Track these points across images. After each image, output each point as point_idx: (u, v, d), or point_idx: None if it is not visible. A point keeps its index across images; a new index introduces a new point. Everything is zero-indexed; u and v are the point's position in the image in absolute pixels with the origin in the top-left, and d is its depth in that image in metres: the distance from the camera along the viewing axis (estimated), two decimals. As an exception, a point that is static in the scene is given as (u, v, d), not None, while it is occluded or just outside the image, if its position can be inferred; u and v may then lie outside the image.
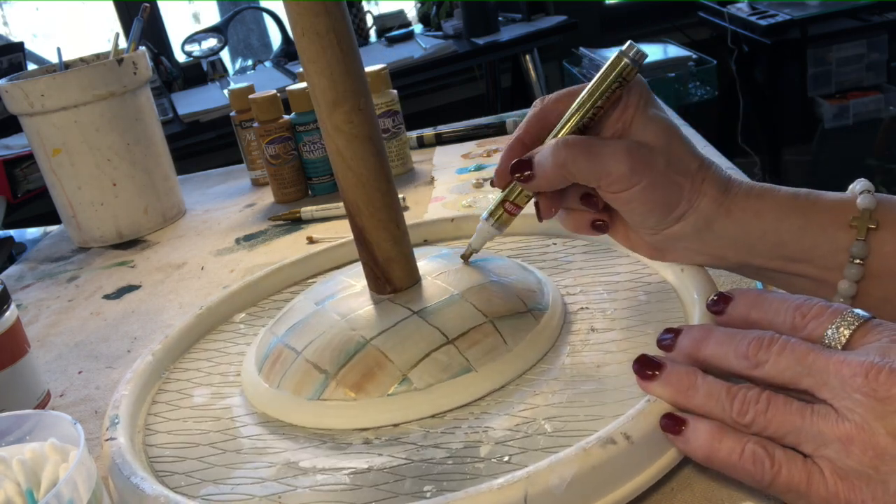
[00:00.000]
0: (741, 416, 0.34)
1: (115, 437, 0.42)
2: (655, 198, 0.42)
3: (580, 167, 0.42)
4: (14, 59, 1.41)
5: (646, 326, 0.47)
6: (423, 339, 0.44)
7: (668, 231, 0.44)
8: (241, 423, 0.46)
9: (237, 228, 0.88)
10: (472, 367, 0.43)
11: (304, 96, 0.88)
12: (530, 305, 0.48)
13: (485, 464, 0.38)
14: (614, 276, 0.53)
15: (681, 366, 0.37)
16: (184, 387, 0.51)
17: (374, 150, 0.47)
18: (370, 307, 0.49)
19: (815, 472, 0.32)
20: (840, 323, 0.34)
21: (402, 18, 2.40)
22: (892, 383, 0.30)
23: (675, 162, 0.42)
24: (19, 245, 1.09)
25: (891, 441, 0.30)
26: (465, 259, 0.51)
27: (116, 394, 0.47)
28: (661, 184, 0.42)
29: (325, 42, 0.44)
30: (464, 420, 0.42)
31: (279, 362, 0.47)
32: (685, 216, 0.43)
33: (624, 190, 0.42)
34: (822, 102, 2.30)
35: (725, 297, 0.39)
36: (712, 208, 0.42)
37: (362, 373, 0.44)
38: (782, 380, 0.34)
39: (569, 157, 0.42)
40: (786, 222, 0.41)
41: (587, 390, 0.42)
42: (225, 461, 0.43)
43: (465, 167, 0.92)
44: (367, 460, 0.40)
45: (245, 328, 0.57)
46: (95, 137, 0.86)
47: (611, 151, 0.41)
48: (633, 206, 0.43)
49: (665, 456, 0.36)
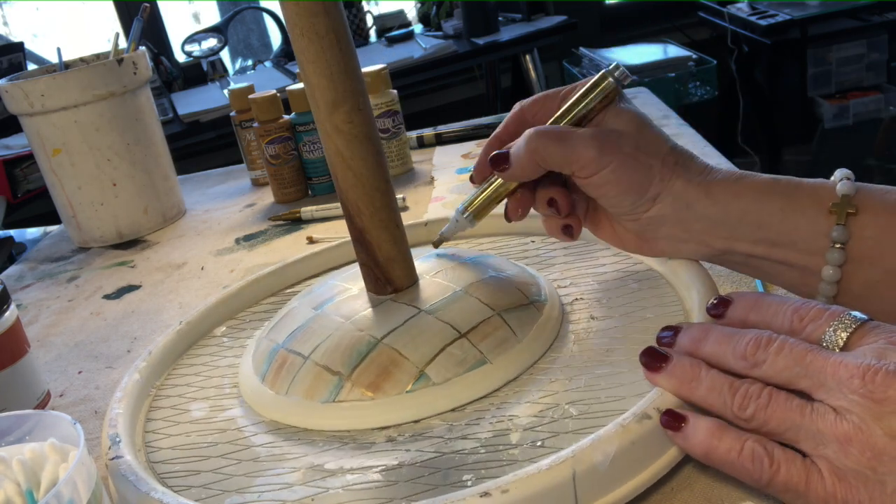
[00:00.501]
0: (742, 409, 0.34)
1: (120, 455, 0.41)
2: (626, 178, 0.43)
3: (551, 152, 0.44)
4: (14, 59, 1.41)
5: (644, 311, 0.48)
6: (435, 334, 0.45)
7: (647, 215, 0.45)
8: (249, 432, 0.45)
9: (237, 228, 0.88)
10: (487, 359, 0.44)
11: (304, 96, 0.88)
12: (531, 297, 0.49)
13: (519, 449, 0.39)
14: (600, 267, 0.55)
15: (686, 358, 0.37)
16: (177, 402, 0.50)
17: (373, 150, 0.47)
18: (375, 307, 0.49)
19: (814, 472, 0.32)
20: (837, 325, 0.35)
21: (402, 18, 2.40)
22: (887, 385, 0.31)
23: (644, 145, 0.44)
24: (19, 245, 1.09)
25: (888, 441, 0.30)
26: (435, 245, 0.54)
27: (111, 412, 0.45)
28: (630, 165, 0.43)
29: (325, 42, 0.44)
30: (486, 411, 0.42)
31: (285, 368, 0.47)
32: (660, 197, 0.44)
33: (594, 173, 0.43)
34: (822, 102, 2.30)
35: (725, 300, 0.39)
36: (689, 189, 0.43)
37: (377, 372, 0.44)
38: (780, 380, 0.34)
39: (540, 144, 0.44)
40: (766, 204, 0.42)
41: (602, 374, 0.43)
42: (243, 470, 0.42)
43: (464, 167, 0.92)
44: (395, 457, 0.40)
45: (229, 341, 0.56)
46: (95, 137, 0.86)
47: (579, 137, 0.44)
48: (606, 190, 0.44)
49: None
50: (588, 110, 0.46)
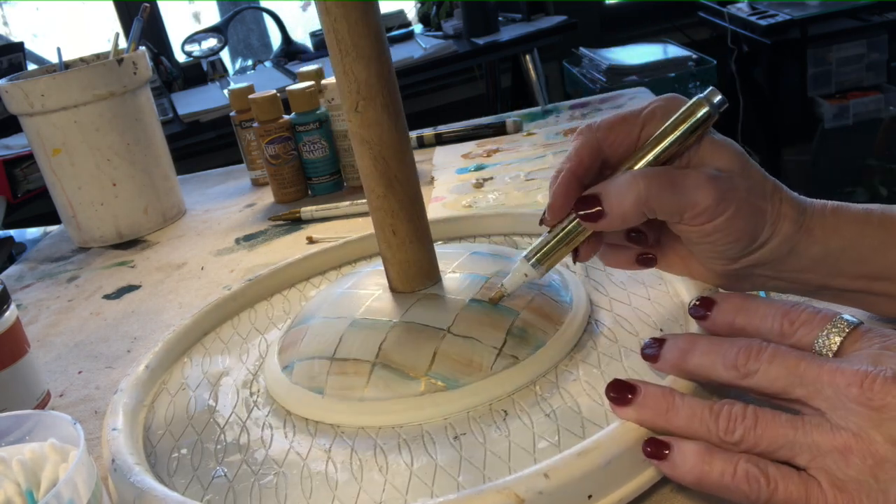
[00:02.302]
0: (728, 434, 0.32)
1: (120, 454, 0.41)
2: (740, 226, 0.38)
3: (663, 201, 0.38)
4: (14, 59, 1.41)
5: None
6: (427, 339, 0.45)
7: (747, 259, 0.40)
8: (250, 428, 0.46)
9: (237, 228, 0.88)
10: (518, 357, 0.44)
11: (303, 96, 0.88)
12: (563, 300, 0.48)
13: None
14: (644, 300, 0.49)
15: (655, 386, 0.35)
16: (178, 400, 0.50)
17: (371, 153, 0.47)
18: (383, 304, 0.49)
19: (813, 486, 0.31)
20: (830, 330, 0.34)
21: (402, 18, 2.40)
22: (886, 392, 0.30)
23: (754, 186, 0.39)
24: (19, 245, 1.09)
25: (889, 448, 0.30)
26: (493, 302, 0.46)
27: (111, 412, 0.46)
28: (745, 211, 0.38)
29: (330, 40, 0.45)
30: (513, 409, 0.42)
31: (293, 348, 0.48)
32: (768, 242, 0.39)
33: (707, 222, 0.38)
34: (822, 102, 2.30)
35: (708, 300, 0.38)
36: (793, 230, 0.39)
37: (378, 371, 0.44)
38: (773, 390, 0.33)
39: (652, 192, 0.38)
40: (866, 239, 0.39)
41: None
42: (216, 441, 0.44)
43: (465, 167, 0.92)
44: (438, 452, 0.40)
45: (229, 341, 0.56)
46: (95, 137, 0.86)
47: (693, 182, 0.38)
48: (716, 238, 0.39)
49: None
50: (681, 144, 0.39)
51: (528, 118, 1.07)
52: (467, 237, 0.65)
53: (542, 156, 0.90)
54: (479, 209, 0.77)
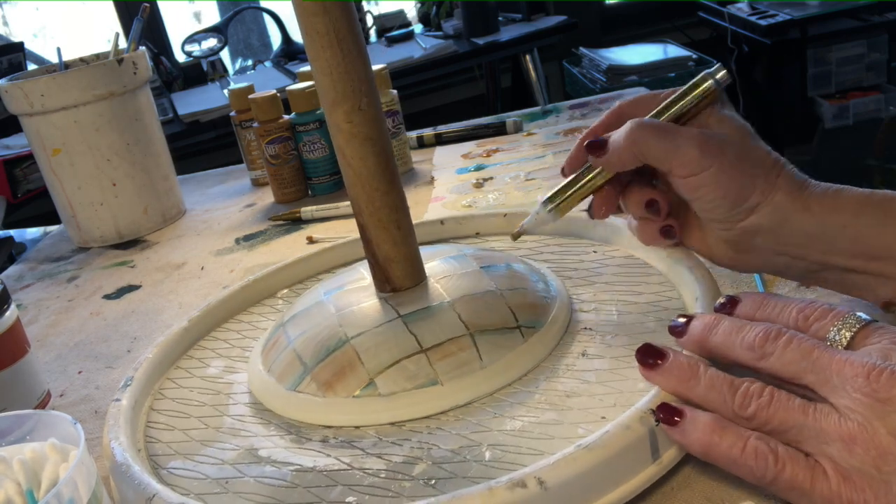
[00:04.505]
0: (743, 408, 0.34)
1: (121, 454, 0.41)
2: (726, 184, 0.42)
3: (651, 146, 0.43)
4: (14, 59, 1.41)
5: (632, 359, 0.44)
6: (397, 345, 0.44)
7: (742, 224, 0.43)
8: (233, 401, 0.48)
9: (237, 228, 0.88)
10: (439, 380, 0.43)
11: (303, 96, 0.88)
12: (522, 322, 0.46)
13: (411, 484, 0.38)
14: (635, 296, 0.50)
15: (684, 355, 0.37)
16: (206, 355, 0.54)
17: (374, 150, 0.47)
18: (366, 304, 0.49)
19: (819, 471, 0.32)
20: (842, 325, 0.35)
21: (402, 18, 2.40)
22: (892, 385, 0.31)
23: (748, 155, 0.43)
24: (19, 245, 1.09)
25: (892, 441, 0.30)
26: (514, 238, 0.51)
27: (112, 411, 0.46)
28: (732, 172, 0.42)
29: (325, 41, 0.45)
30: (417, 433, 0.41)
31: (274, 348, 0.49)
32: (759, 208, 0.42)
33: (693, 174, 0.42)
34: (822, 102, 2.30)
35: (734, 299, 0.40)
36: (788, 202, 0.42)
37: (334, 371, 0.45)
38: (786, 373, 0.34)
39: (642, 135, 0.43)
40: (864, 218, 0.41)
41: (545, 420, 0.40)
42: (203, 437, 0.45)
43: (464, 167, 0.92)
44: (314, 459, 0.41)
45: (229, 341, 0.56)
46: (95, 137, 0.86)
47: (685, 135, 0.43)
48: (703, 192, 0.43)
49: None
50: (686, 109, 0.45)
51: (528, 118, 1.07)
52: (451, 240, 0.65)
53: (542, 156, 0.90)
54: (478, 209, 0.77)
